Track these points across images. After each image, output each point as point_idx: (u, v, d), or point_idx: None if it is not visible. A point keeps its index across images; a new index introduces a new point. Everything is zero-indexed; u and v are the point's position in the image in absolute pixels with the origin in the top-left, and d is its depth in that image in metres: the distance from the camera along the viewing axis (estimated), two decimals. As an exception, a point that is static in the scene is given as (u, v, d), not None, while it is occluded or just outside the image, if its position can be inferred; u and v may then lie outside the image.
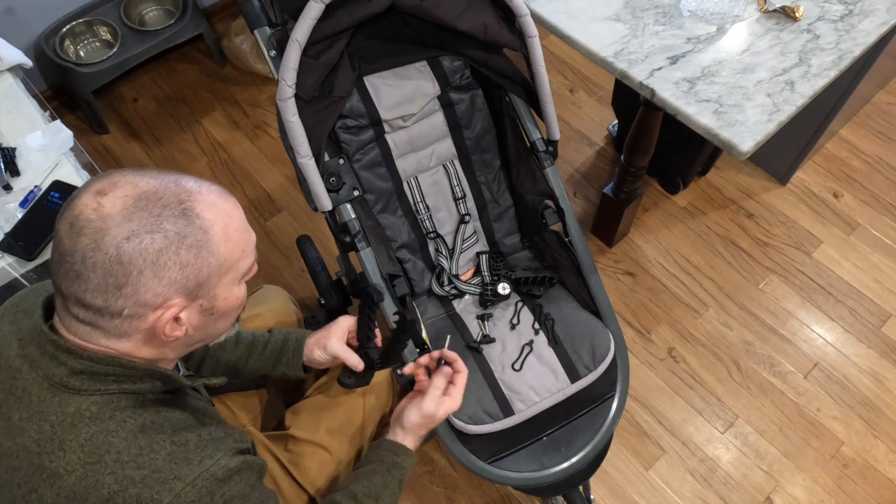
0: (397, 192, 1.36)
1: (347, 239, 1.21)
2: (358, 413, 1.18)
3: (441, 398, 1.04)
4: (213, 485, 0.73)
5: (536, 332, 1.29)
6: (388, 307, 1.21)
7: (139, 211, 0.68)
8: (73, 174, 1.42)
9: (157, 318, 0.71)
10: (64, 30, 2.13)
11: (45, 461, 0.70)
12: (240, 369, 1.12)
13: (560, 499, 1.39)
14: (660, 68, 1.35)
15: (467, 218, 1.41)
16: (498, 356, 1.26)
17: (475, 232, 1.44)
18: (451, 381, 1.06)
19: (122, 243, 0.67)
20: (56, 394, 0.72)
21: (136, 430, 0.72)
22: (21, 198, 1.37)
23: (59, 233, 0.69)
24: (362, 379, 1.07)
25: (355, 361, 1.05)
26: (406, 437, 1.05)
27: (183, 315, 0.73)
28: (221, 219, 0.73)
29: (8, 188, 1.39)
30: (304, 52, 1.09)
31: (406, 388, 1.19)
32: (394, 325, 1.13)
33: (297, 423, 1.17)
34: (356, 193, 1.22)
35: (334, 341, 1.08)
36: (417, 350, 1.21)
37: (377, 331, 1.10)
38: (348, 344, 1.10)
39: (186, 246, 0.69)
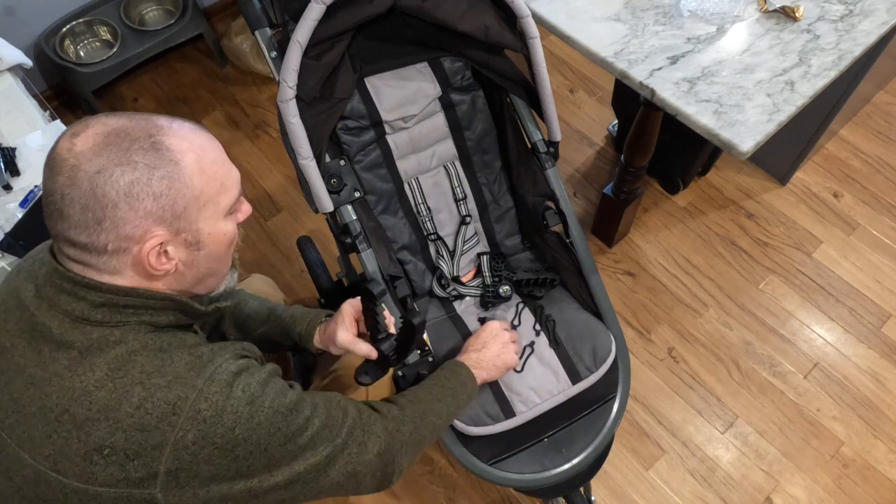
0: (398, 194, 1.36)
1: (348, 240, 1.21)
2: None
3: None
4: (230, 377, 0.76)
5: (537, 334, 1.29)
6: (389, 303, 1.20)
7: (108, 146, 0.70)
8: (73, 175, 1.41)
9: (140, 251, 0.73)
10: (64, 30, 2.13)
11: (76, 382, 0.72)
12: (256, 327, 1.14)
13: (561, 500, 1.39)
14: (660, 68, 1.35)
15: (468, 219, 1.41)
16: (499, 357, 1.26)
17: (476, 233, 1.44)
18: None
19: (95, 177, 0.69)
20: (78, 326, 0.74)
21: (157, 349, 0.76)
22: (21, 198, 1.37)
23: (43, 176, 0.73)
24: (378, 373, 1.06)
25: (366, 350, 1.04)
26: (465, 357, 1.16)
27: (169, 249, 0.75)
28: (193, 151, 0.75)
29: (8, 188, 1.39)
30: (306, 54, 1.09)
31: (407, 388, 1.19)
32: (399, 320, 1.12)
33: None
34: (357, 195, 1.22)
35: (342, 334, 1.06)
36: (419, 353, 1.21)
37: (386, 313, 1.07)
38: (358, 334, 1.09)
39: (158, 177, 0.72)
